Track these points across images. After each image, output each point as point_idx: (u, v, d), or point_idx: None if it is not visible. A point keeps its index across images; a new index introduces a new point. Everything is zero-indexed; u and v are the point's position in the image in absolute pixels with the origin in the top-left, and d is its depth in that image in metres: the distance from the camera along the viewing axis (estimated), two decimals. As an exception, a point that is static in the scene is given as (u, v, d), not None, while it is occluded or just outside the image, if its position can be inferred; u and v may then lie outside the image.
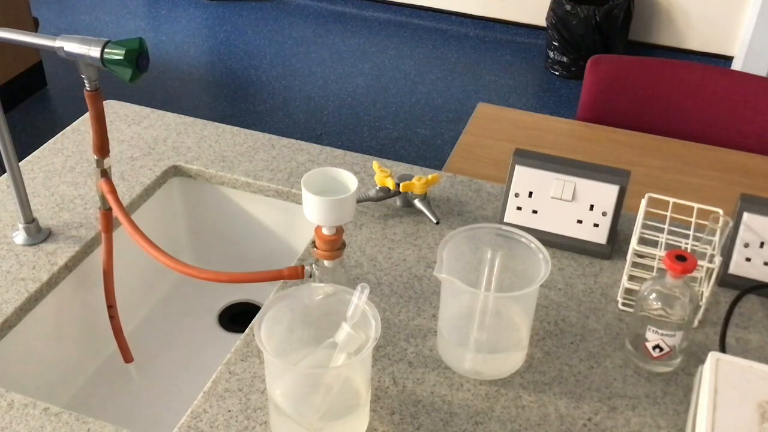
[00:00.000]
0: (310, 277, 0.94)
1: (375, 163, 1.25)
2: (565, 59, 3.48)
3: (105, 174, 1.02)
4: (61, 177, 1.28)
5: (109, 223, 1.07)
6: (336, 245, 0.92)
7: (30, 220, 1.14)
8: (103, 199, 1.03)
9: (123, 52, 0.88)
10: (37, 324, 1.08)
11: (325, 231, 0.91)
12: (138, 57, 0.88)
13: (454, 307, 0.97)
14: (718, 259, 1.01)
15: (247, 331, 1.02)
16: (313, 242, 0.93)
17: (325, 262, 0.93)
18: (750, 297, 1.08)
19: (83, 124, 1.42)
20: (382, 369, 0.96)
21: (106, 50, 0.89)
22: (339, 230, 0.92)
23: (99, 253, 1.18)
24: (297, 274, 0.93)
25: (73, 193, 1.25)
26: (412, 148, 3.04)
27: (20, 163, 1.29)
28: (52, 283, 1.10)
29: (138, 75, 0.89)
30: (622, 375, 0.97)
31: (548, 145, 1.60)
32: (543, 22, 3.59)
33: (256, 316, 0.82)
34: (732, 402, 0.82)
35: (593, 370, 0.97)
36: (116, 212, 0.99)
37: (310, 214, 0.89)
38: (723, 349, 1.00)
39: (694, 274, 1.02)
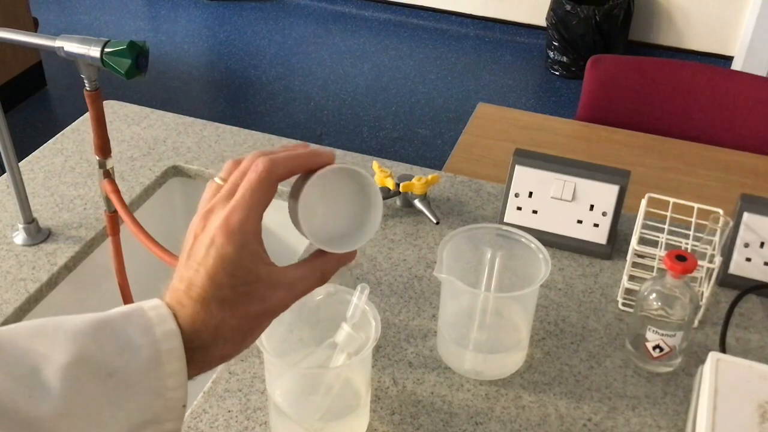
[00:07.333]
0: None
1: (375, 163, 1.25)
2: (565, 59, 3.48)
3: (108, 175, 1.01)
4: (60, 177, 1.28)
5: (115, 226, 1.06)
6: None
7: (30, 221, 1.14)
8: (107, 200, 1.02)
9: (126, 42, 0.88)
10: (37, 324, 1.08)
11: None
12: (139, 53, 0.88)
13: (454, 307, 0.97)
14: (718, 259, 1.01)
15: (247, 331, 1.02)
16: None
17: None
18: (750, 297, 1.08)
19: (83, 124, 1.42)
20: (382, 369, 0.96)
21: (110, 41, 0.89)
22: None
23: (99, 253, 1.18)
24: None
25: (73, 193, 1.25)
26: (412, 148, 3.04)
27: (20, 163, 1.28)
28: (51, 283, 1.09)
29: (135, 72, 0.89)
30: (622, 375, 0.97)
31: (548, 145, 1.60)
32: (543, 22, 3.59)
33: (256, 316, 0.82)
34: (732, 402, 0.82)
35: (593, 370, 0.97)
36: (121, 213, 0.98)
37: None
38: (723, 349, 1.00)
39: (694, 274, 1.01)
